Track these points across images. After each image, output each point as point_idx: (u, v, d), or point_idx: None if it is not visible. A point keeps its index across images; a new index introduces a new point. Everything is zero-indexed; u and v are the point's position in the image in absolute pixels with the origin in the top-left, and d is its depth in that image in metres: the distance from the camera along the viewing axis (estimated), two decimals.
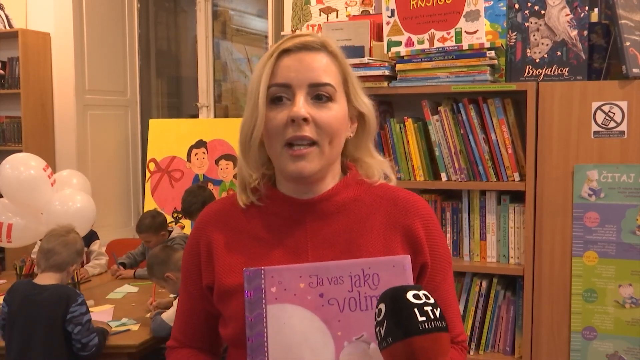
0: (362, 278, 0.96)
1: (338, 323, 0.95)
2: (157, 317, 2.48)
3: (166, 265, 2.58)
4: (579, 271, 2.01)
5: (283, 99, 1.00)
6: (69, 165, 4.23)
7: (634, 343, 1.97)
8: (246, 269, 0.98)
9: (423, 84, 2.16)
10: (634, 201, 1.94)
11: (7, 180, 3.18)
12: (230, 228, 1.08)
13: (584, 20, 2.05)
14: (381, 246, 1.04)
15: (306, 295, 0.96)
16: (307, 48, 1.02)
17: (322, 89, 1.00)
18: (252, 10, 4.84)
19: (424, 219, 1.08)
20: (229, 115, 4.80)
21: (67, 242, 2.43)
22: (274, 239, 1.06)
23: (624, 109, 1.95)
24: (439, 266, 1.09)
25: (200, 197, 3.33)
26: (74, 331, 2.24)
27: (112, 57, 4.68)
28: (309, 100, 1.00)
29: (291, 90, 1.00)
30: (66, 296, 2.28)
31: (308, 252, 1.04)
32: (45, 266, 2.38)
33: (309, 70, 1.00)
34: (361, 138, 1.10)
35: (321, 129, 0.99)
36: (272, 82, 1.01)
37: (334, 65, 1.03)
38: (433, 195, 2.25)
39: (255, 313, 0.95)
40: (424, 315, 0.83)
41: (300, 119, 0.98)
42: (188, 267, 1.12)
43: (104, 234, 4.46)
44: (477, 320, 2.17)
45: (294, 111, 0.98)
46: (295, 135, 0.98)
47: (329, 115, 1.00)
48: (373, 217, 1.07)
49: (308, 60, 1.01)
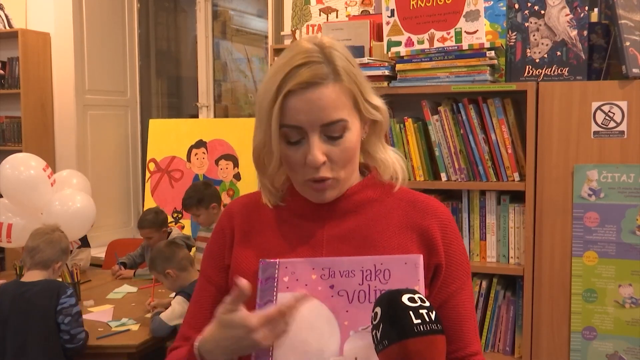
0: (374, 272, 0.98)
1: (346, 313, 0.96)
2: (156, 317, 2.48)
3: (169, 262, 2.59)
4: (579, 271, 2.01)
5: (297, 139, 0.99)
6: (69, 165, 4.24)
7: (634, 343, 1.97)
8: (262, 260, 1.01)
9: (423, 84, 2.16)
10: (634, 201, 1.94)
11: (7, 180, 3.18)
12: (252, 219, 1.11)
13: (583, 20, 2.05)
14: (396, 244, 1.04)
15: (317, 286, 0.98)
16: (313, 85, 0.96)
17: (335, 126, 0.98)
18: (252, 10, 4.84)
19: (442, 222, 1.08)
20: (229, 115, 4.80)
21: (52, 240, 2.44)
22: (291, 232, 1.07)
23: (623, 109, 1.95)
24: (455, 273, 1.06)
25: (199, 194, 3.31)
26: (64, 322, 2.27)
27: (112, 57, 4.68)
28: (323, 138, 0.98)
29: (304, 131, 0.97)
30: (56, 288, 2.31)
31: (323, 246, 1.05)
32: (30, 264, 2.40)
33: (317, 110, 0.96)
34: (374, 136, 1.09)
35: (336, 164, 1.00)
36: (283, 122, 0.97)
37: (342, 92, 0.98)
38: (433, 195, 2.24)
39: (266, 300, 0.98)
40: (419, 317, 0.84)
41: (318, 165, 0.98)
42: (211, 252, 1.13)
43: (104, 234, 4.48)
44: (477, 320, 2.17)
45: (309, 159, 0.97)
46: (314, 178, 1.00)
47: (343, 149, 0.99)
48: (390, 216, 1.07)
49: (316, 98, 0.96)
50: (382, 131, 1.10)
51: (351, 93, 1.00)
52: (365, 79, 1.04)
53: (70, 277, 2.91)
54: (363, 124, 1.05)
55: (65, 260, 2.53)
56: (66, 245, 2.52)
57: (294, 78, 0.96)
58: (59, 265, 2.47)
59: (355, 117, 1.02)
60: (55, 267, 2.44)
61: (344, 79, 0.98)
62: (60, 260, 2.46)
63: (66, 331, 2.28)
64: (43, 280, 2.35)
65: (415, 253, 1.03)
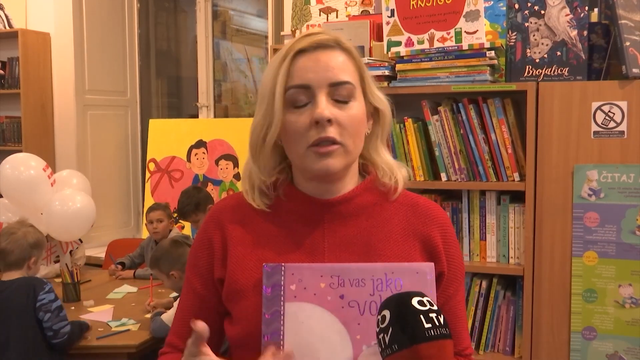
0: (385, 282, 0.94)
1: (358, 326, 0.93)
2: (157, 318, 2.47)
3: (176, 263, 2.53)
4: (579, 271, 2.01)
5: (304, 101, 0.98)
6: (69, 166, 4.24)
7: (634, 343, 1.97)
8: (266, 264, 0.96)
9: (423, 84, 2.16)
10: (634, 201, 1.94)
11: (7, 180, 3.18)
12: (245, 225, 1.06)
13: (583, 20, 2.05)
14: (399, 252, 1.03)
15: (326, 296, 0.94)
16: (323, 46, 0.99)
17: (343, 88, 0.98)
18: (252, 10, 4.84)
19: (442, 228, 1.07)
20: (229, 115, 4.80)
21: (17, 238, 2.42)
22: (291, 238, 1.04)
23: (623, 109, 1.95)
24: (453, 277, 1.07)
25: (194, 199, 3.31)
26: (44, 319, 2.26)
27: (112, 57, 4.68)
28: (330, 100, 0.98)
29: (311, 91, 0.97)
30: (32, 285, 2.30)
31: (325, 253, 1.02)
32: (3, 266, 2.40)
33: (327, 69, 0.98)
34: (376, 135, 1.08)
35: (344, 129, 0.98)
36: (290, 84, 0.98)
37: (350, 63, 1.01)
38: (433, 195, 2.25)
39: (273, 310, 0.93)
40: (430, 322, 0.82)
41: (324, 121, 0.96)
42: (197, 262, 1.08)
43: (103, 234, 4.48)
44: (477, 320, 2.17)
45: (317, 112, 0.96)
46: (320, 137, 0.96)
47: (350, 115, 0.99)
48: (392, 222, 1.06)
49: (325, 59, 0.98)
50: (384, 132, 1.09)
51: (359, 69, 1.02)
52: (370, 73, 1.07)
53: (70, 277, 2.91)
54: (367, 111, 1.04)
55: (39, 254, 2.47)
56: (34, 239, 2.46)
57: (304, 40, 0.99)
58: (33, 261, 2.43)
59: (361, 94, 1.02)
60: (30, 264, 2.42)
61: (353, 55, 1.02)
62: (33, 256, 2.43)
63: (48, 327, 2.27)
64: (19, 279, 2.34)
65: (419, 261, 1.02)
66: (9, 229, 2.50)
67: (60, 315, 2.31)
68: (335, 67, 0.98)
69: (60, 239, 3.36)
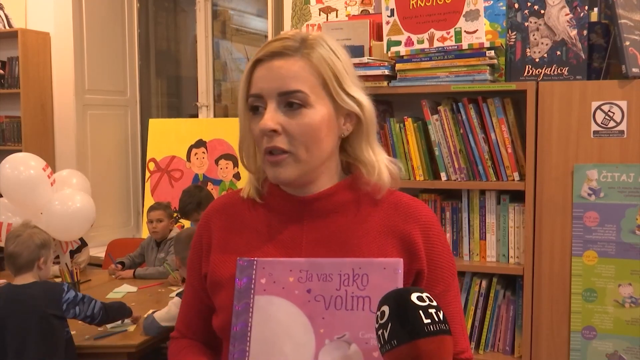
0: (352, 277, 0.95)
1: (322, 320, 0.94)
2: (150, 315, 2.47)
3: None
4: (579, 271, 2.01)
5: (260, 109, 1.01)
6: (69, 165, 4.23)
7: (634, 342, 1.97)
8: (240, 259, 1.00)
9: (423, 84, 2.16)
10: (633, 201, 1.94)
11: (7, 180, 3.17)
12: (232, 220, 1.11)
13: (583, 19, 2.05)
14: (376, 249, 1.03)
15: (294, 290, 0.96)
16: (279, 55, 1.00)
17: (292, 97, 0.98)
18: (252, 10, 4.84)
19: (424, 226, 1.06)
20: (229, 115, 4.80)
21: (23, 240, 2.41)
22: (271, 233, 1.07)
23: (623, 109, 1.95)
24: (439, 276, 1.06)
25: (196, 198, 3.33)
26: (77, 312, 2.31)
27: (112, 57, 4.68)
28: (281, 108, 0.99)
29: (263, 100, 1.00)
30: (51, 290, 2.31)
31: (302, 248, 1.04)
32: (14, 270, 2.40)
33: (277, 78, 0.99)
34: (358, 135, 1.07)
35: (294, 138, 0.99)
36: (250, 92, 1.02)
37: (307, 69, 1.00)
38: (433, 195, 2.25)
39: (243, 302, 0.97)
40: (429, 317, 0.82)
41: (267, 132, 0.98)
42: (192, 259, 1.15)
43: (103, 234, 4.47)
44: (477, 320, 2.17)
45: (260, 124, 0.99)
46: (268, 147, 1.00)
47: (300, 123, 0.99)
48: (371, 219, 1.06)
49: (276, 68, 0.99)
50: (367, 130, 1.06)
51: (320, 74, 1.01)
52: (352, 72, 1.05)
53: (70, 277, 2.92)
54: (339, 115, 1.03)
55: (48, 254, 2.47)
56: (41, 239, 2.46)
57: (263, 49, 1.02)
58: (42, 261, 2.42)
59: (324, 101, 1.01)
60: (40, 264, 2.41)
61: (314, 58, 1.00)
62: (41, 256, 2.42)
63: (85, 317, 2.33)
64: (35, 283, 2.34)
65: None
66: (14, 232, 2.50)
67: (86, 300, 2.35)
68: (286, 76, 0.99)
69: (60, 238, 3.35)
